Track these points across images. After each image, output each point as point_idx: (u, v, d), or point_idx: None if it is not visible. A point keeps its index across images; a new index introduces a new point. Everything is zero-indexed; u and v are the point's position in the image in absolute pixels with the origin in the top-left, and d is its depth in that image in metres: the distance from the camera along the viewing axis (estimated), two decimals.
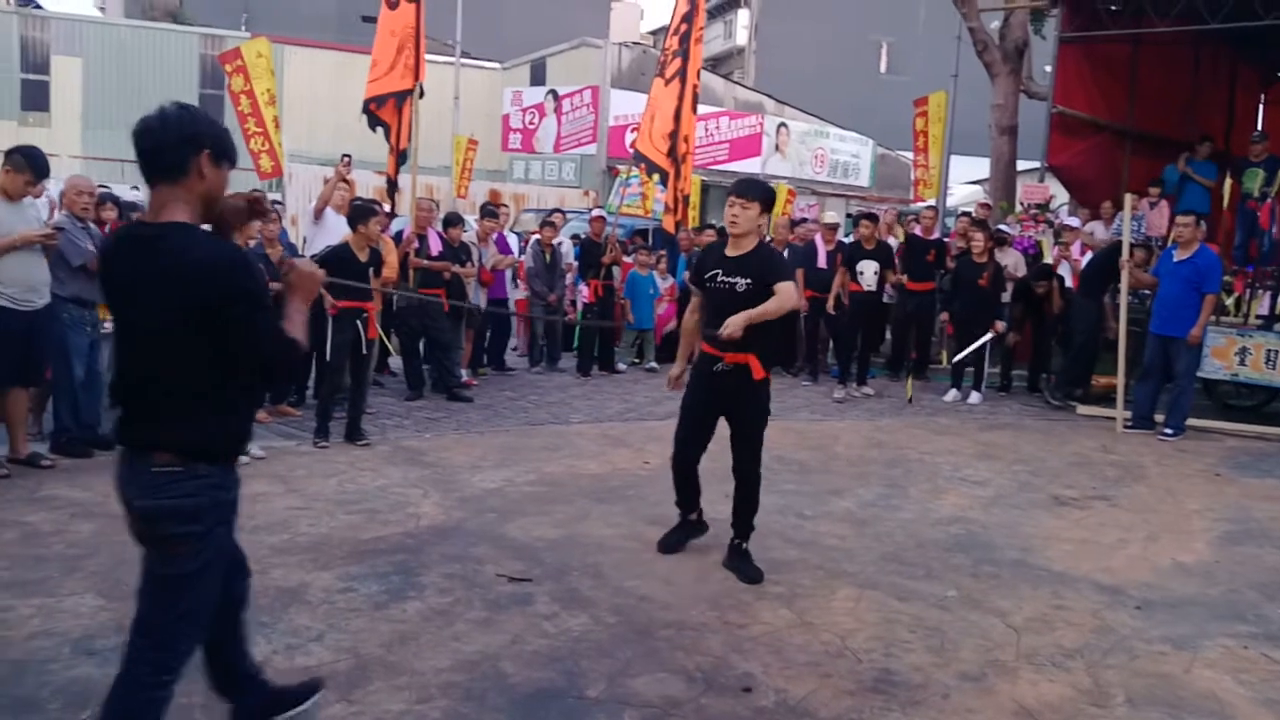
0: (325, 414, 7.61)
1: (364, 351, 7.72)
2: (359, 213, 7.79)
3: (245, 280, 2.66)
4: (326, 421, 7.59)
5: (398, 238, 10.02)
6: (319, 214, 9.10)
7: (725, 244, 5.29)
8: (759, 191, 5.20)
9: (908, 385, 10.84)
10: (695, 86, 11.86)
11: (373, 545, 5.29)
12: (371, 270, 7.75)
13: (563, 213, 13.28)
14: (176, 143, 2.69)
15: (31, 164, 6.18)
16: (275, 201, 9.76)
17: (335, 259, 7.58)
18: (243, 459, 6.60)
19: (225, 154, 2.78)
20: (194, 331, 2.63)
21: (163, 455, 2.68)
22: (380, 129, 10.20)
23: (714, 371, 5.18)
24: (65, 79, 27.45)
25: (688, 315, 5.68)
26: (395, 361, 10.43)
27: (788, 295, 4.99)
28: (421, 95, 10.18)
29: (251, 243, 7.46)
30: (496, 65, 31.08)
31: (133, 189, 13.31)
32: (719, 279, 5.16)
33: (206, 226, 2.82)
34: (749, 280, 5.05)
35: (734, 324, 4.83)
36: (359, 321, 7.62)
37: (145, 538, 2.77)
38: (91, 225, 6.90)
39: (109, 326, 7.27)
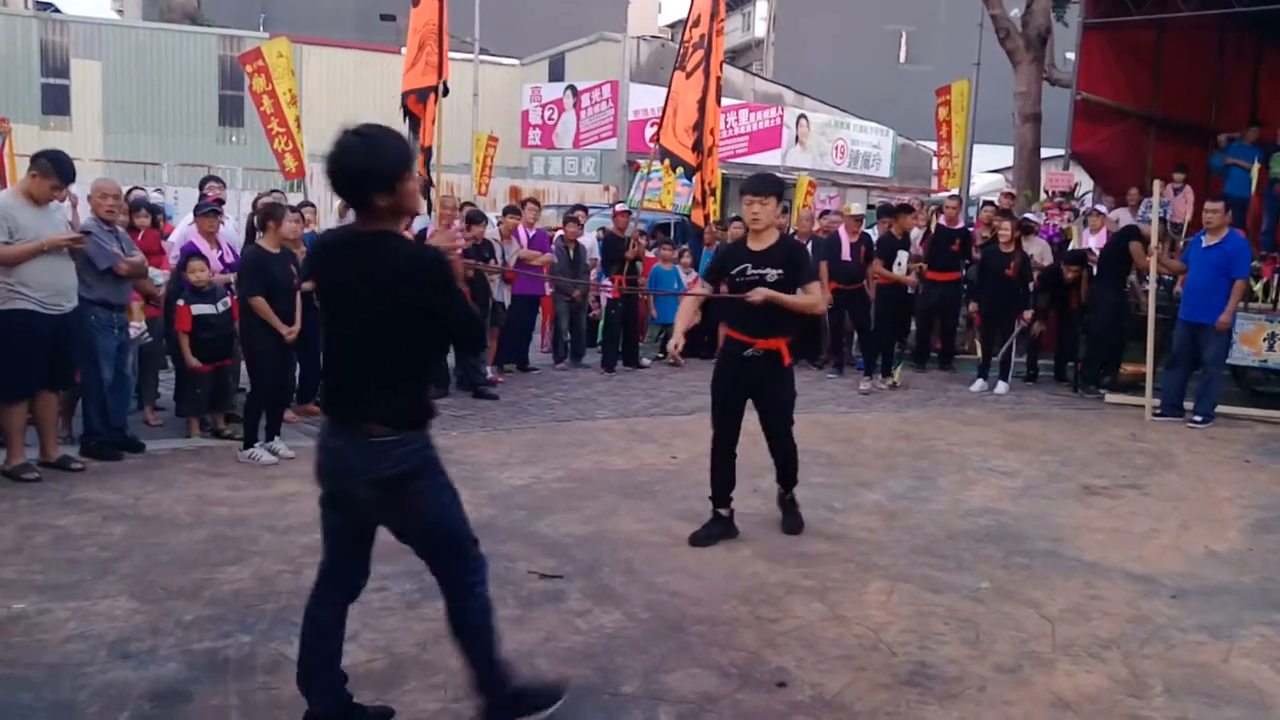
0: None
1: None
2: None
3: (445, 275, 3.10)
4: None
5: (421, 236, 10.06)
6: (343, 214, 9.09)
7: (746, 240, 5.52)
8: (771, 185, 5.50)
9: (896, 372, 10.80)
10: (718, 79, 11.84)
11: (402, 545, 5.28)
12: None
13: (585, 209, 13.26)
14: (383, 165, 3.03)
15: (58, 168, 6.22)
16: (305, 203, 9.74)
17: None
18: (270, 458, 6.70)
19: (401, 181, 3.08)
20: (403, 320, 3.06)
21: (379, 427, 3.08)
22: (411, 125, 10.18)
23: (744, 357, 5.42)
24: (85, 82, 27.63)
25: (687, 300, 5.98)
26: None
27: (816, 298, 5.41)
28: (446, 93, 10.18)
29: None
30: (515, 61, 31.12)
31: (155, 191, 13.36)
32: (749, 273, 5.37)
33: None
34: (779, 270, 5.33)
35: (761, 292, 5.21)
36: None
37: (378, 508, 3.19)
38: (119, 228, 6.94)
39: (135, 330, 7.34)
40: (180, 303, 7.42)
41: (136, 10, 37.38)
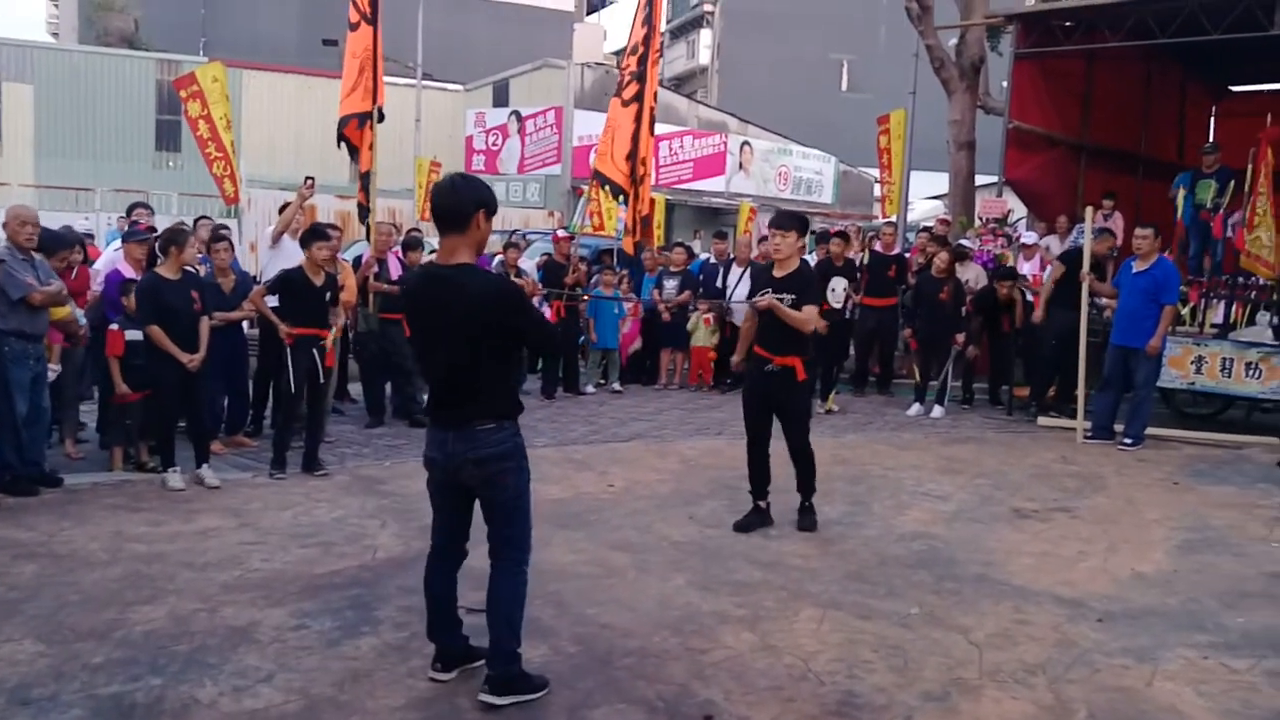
0: (282, 444, 7.49)
1: (321, 380, 7.59)
2: (309, 235, 7.67)
3: (519, 300, 3.93)
4: (283, 452, 7.47)
5: (357, 262, 9.95)
6: (276, 239, 8.96)
7: (773, 266, 6.29)
8: (794, 221, 6.30)
9: (829, 398, 10.84)
10: (652, 109, 11.88)
11: (327, 580, 5.19)
12: (329, 296, 7.63)
13: (524, 234, 13.21)
14: (464, 205, 3.73)
15: None
16: (222, 227, 9.57)
17: (286, 283, 7.47)
18: (178, 482, 6.54)
19: (494, 209, 3.85)
20: (489, 337, 3.75)
21: (484, 420, 3.79)
22: (350, 152, 10.07)
23: (765, 372, 6.19)
24: (16, 106, 27.06)
25: (745, 322, 6.72)
26: (356, 388, 10.30)
27: (808, 315, 6.07)
28: (381, 119, 10.09)
29: (191, 269, 7.31)
30: (459, 87, 31.04)
31: (84, 219, 13.10)
32: (769, 296, 6.06)
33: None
34: (794, 296, 6.05)
35: (768, 299, 6.00)
36: (315, 349, 7.50)
37: (477, 480, 3.85)
38: (37, 257, 6.76)
39: (52, 373, 7.12)
40: (114, 327, 7.28)
41: (73, 34, 36.80)
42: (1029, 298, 11.20)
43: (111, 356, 7.28)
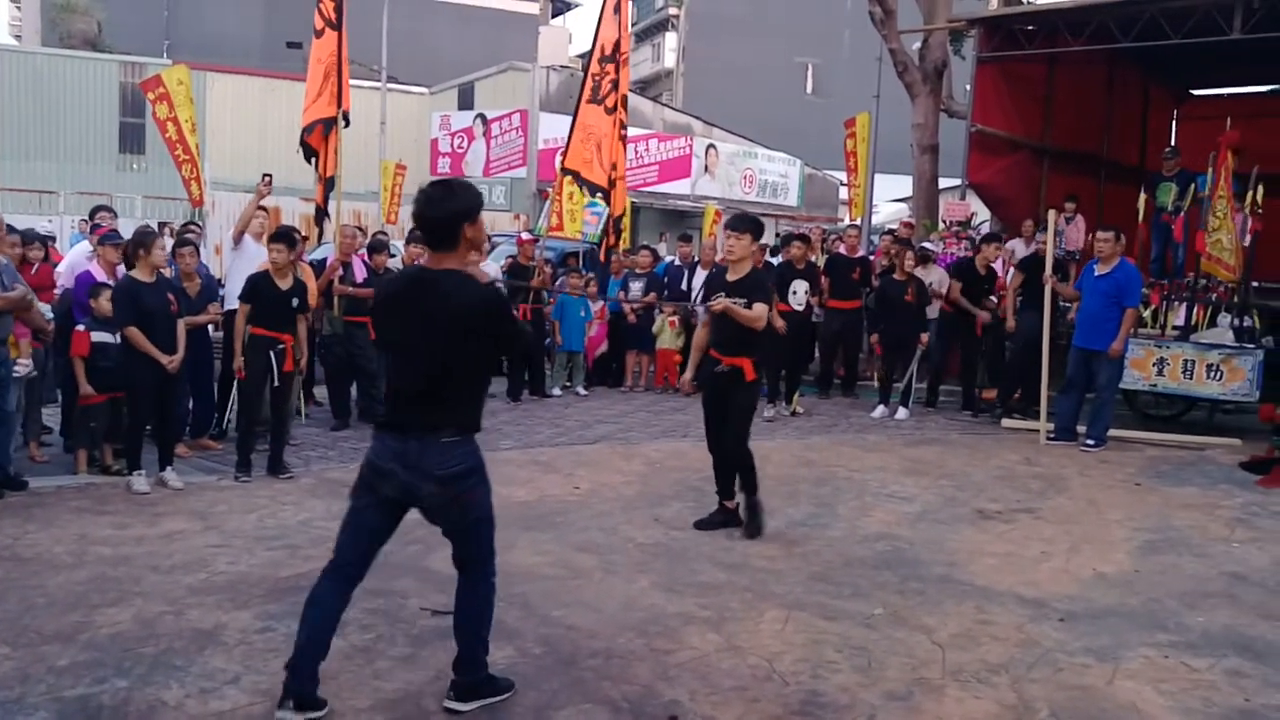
0: (246, 447, 7.45)
1: (276, 384, 7.53)
2: (272, 237, 7.65)
3: (502, 306, 3.83)
4: (248, 455, 7.42)
5: (321, 265, 9.90)
6: (237, 239, 8.91)
7: (727, 270, 6.26)
8: (748, 224, 6.29)
9: (794, 399, 10.91)
10: (623, 117, 11.90)
11: (293, 582, 5.15)
12: (296, 300, 7.59)
13: (489, 237, 13.17)
14: (451, 214, 3.65)
15: None
16: (190, 223, 9.49)
17: (253, 288, 7.44)
18: (143, 485, 6.52)
19: (479, 213, 3.77)
20: (466, 343, 3.64)
21: (449, 432, 3.65)
22: (306, 156, 10.06)
23: (715, 372, 6.22)
24: None
25: (699, 331, 6.70)
26: (321, 391, 10.26)
27: (757, 312, 6.03)
28: (347, 124, 10.06)
29: (165, 271, 7.30)
30: (424, 90, 30.93)
31: (47, 221, 12.97)
32: (724, 300, 6.05)
33: None
34: (746, 300, 6.04)
35: (722, 302, 6.01)
36: (273, 352, 7.45)
37: (438, 502, 3.71)
38: (2, 260, 6.69)
39: (22, 368, 7.08)
40: (80, 328, 7.24)
41: (35, 36, 36.36)
42: (995, 299, 11.31)
43: (76, 357, 7.25)
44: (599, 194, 12.00)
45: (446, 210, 3.65)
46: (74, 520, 6.16)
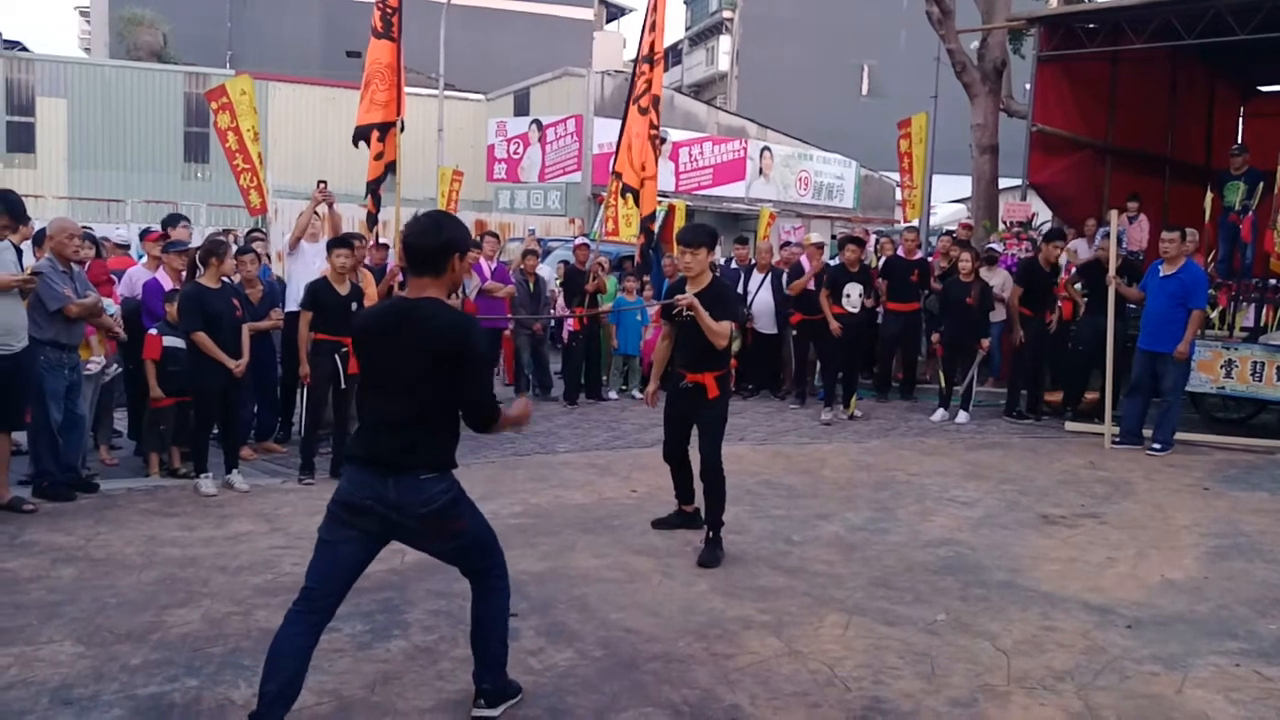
0: (309, 450, 7.57)
1: (343, 386, 7.64)
2: (332, 242, 7.79)
3: (477, 340, 3.61)
4: (311, 457, 7.56)
5: (382, 270, 10.02)
6: (294, 245, 9.07)
7: (686, 282, 6.11)
8: (703, 237, 6.09)
9: (851, 403, 10.82)
10: (654, 118, 11.83)
11: (357, 583, 5.20)
12: (355, 304, 7.69)
13: (538, 238, 13.24)
14: (445, 242, 3.61)
15: (8, 207, 6.16)
16: (255, 231, 9.67)
17: (313, 295, 7.56)
18: (211, 487, 6.65)
19: (467, 249, 3.84)
20: (440, 375, 3.52)
21: (427, 469, 3.56)
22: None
23: (679, 387, 6.14)
24: (50, 120, 27.47)
25: (660, 342, 6.57)
26: None
27: (722, 330, 5.91)
28: (402, 129, 10.15)
29: (228, 279, 7.45)
30: (480, 97, 31.21)
31: (121, 229, 13.27)
32: (685, 313, 5.95)
33: None
34: (708, 312, 5.88)
35: (689, 298, 5.86)
36: (337, 355, 7.56)
37: (424, 534, 3.66)
38: (75, 267, 6.87)
39: (95, 365, 7.30)
40: (152, 331, 7.43)
41: (104, 48, 37.23)
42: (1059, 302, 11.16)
43: (148, 360, 7.44)
44: (629, 194, 11.98)
45: (441, 239, 3.60)
46: (143, 522, 6.30)
